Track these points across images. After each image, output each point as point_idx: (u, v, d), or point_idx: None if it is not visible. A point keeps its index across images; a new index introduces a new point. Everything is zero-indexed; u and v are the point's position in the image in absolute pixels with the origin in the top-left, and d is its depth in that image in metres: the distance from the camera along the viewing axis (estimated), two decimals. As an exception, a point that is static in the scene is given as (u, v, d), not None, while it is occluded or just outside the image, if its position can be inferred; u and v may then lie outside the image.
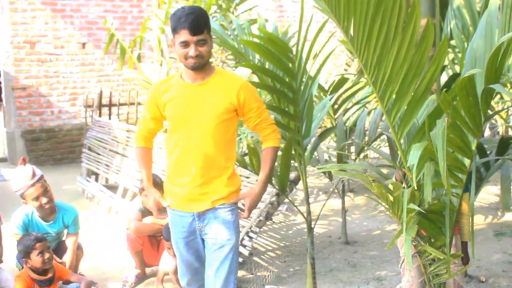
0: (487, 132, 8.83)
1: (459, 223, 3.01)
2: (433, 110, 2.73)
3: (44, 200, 4.17)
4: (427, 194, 2.41)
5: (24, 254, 3.92)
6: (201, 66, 2.95)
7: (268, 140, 3.17)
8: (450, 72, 4.92)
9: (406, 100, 2.76)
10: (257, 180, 3.18)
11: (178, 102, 3.01)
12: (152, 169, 3.35)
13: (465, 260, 3.56)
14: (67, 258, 4.34)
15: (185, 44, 2.87)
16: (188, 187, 3.07)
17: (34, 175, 4.18)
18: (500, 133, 7.21)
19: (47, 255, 3.91)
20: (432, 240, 2.90)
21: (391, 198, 2.73)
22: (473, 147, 2.63)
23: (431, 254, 2.87)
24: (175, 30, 2.88)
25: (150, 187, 3.24)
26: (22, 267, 4.05)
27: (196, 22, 2.83)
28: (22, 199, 4.23)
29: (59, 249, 4.43)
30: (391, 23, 2.58)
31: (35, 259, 3.89)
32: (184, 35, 2.84)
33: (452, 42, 5.44)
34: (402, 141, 2.91)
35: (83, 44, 10.06)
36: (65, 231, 4.49)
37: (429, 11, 2.98)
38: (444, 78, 4.53)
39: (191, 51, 2.87)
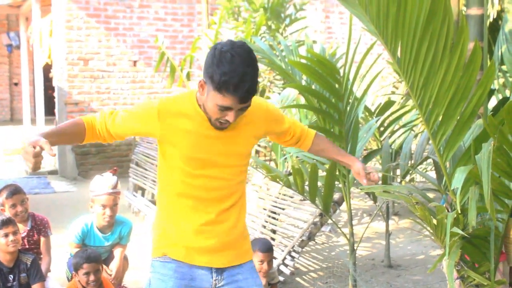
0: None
1: (506, 249, 2.96)
2: (480, 134, 2.71)
3: (108, 212, 4.27)
4: (471, 218, 2.39)
5: (74, 268, 4.02)
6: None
7: (308, 133, 2.81)
8: (500, 97, 4.84)
9: (452, 123, 2.75)
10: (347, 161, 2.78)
11: (196, 139, 2.42)
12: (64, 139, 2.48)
13: (513, 288, 3.47)
14: (114, 266, 4.43)
15: (226, 109, 2.29)
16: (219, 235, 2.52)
17: (115, 187, 4.31)
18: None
19: (92, 278, 3.94)
20: (476, 266, 2.85)
21: (434, 221, 2.71)
22: (520, 172, 2.59)
23: (474, 279, 2.83)
24: (218, 89, 2.22)
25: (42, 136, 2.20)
26: (72, 276, 4.15)
27: (250, 91, 2.25)
28: (90, 202, 4.35)
29: (107, 258, 4.53)
30: (439, 45, 2.59)
31: (81, 277, 3.97)
32: (230, 102, 2.25)
33: (503, 67, 5.36)
34: (447, 164, 2.89)
35: (134, 62, 10.31)
36: None
37: (477, 34, 2.96)
38: (493, 103, 4.48)
39: (230, 117, 2.31)
